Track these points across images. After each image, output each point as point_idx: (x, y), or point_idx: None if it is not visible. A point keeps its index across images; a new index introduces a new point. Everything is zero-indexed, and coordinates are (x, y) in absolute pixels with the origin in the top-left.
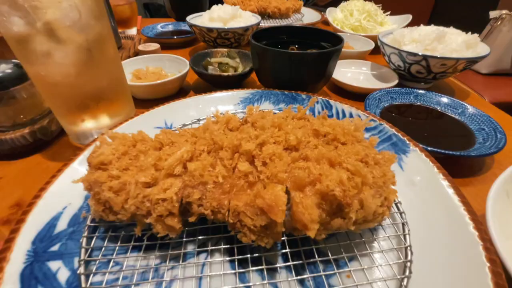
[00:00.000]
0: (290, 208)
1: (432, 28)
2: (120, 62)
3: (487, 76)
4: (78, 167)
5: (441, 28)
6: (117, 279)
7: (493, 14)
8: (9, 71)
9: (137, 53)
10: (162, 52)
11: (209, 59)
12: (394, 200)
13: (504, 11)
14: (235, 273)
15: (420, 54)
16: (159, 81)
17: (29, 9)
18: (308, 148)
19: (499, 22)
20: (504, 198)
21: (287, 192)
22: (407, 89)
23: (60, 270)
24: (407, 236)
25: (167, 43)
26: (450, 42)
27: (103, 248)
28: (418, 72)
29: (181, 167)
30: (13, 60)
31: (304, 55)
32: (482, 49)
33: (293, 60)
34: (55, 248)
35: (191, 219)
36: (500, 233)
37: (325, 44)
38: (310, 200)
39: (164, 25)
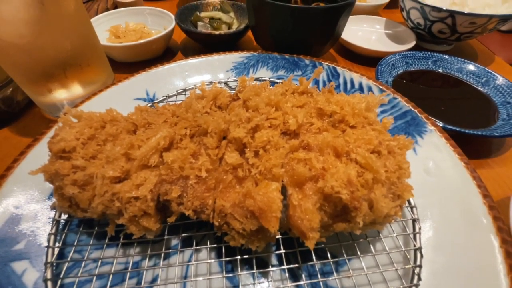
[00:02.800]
0: (286, 205)
1: None
2: (87, 18)
3: (506, 34)
4: (43, 151)
5: None
6: (91, 281)
7: None
8: None
9: (116, 5)
10: (145, 4)
11: (198, 13)
12: None
13: None
14: (223, 277)
15: (445, 9)
16: (140, 41)
17: None
18: (311, 133)
19: None
20: None
21: (284, 188)
22: (426, 52)
23: (27, 272)
24: (418, 236)
25: None
26: None
27: (74, 246)
28: (440, 31)
29: (158, 156)
30: None
31: (309, 10)
32: None
33: (296, 16)
34: (20, 246)
35: (171, 220)
36: None
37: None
38: (310, 202)
39: None
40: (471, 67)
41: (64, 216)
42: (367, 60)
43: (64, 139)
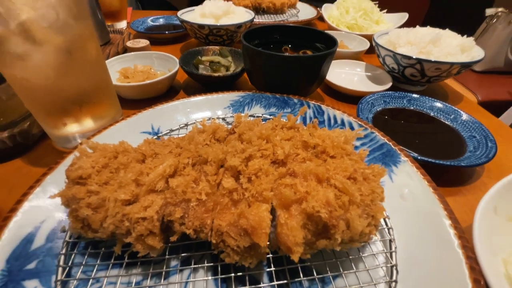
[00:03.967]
0: (275, 226)
1: (428, 30)
2: (104, 63)
3: (481, 74)
4: (58, 178)
5: (437, 30)
6: None
7: (489, 11)
8: None
9: (126, 49)
10: (152, 48)
11: (200, 57)
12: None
13: (500, 9)
14: None
15: (414, 57)
16: (147, 82)
17: (1, 10)
18: (296, 162)
19: (495, 20)
20: (491, 214)
21: (273, 210)
22: (401, 93)
23: None
24: (394, 254)
25: (158, 38)
26: (445, 46)
27: (82, 266)
28: (412, 75)
29: (164, 182)
30: None
31: (296, 59)
32: (477, 53)
33: (286, 64)
34: (31, 266)
35: (173, 238)
36: (486, 250)
37: (319, 45)
38: (295, 221)
39: (154, 19)
40: (440, 105)
41: (73, 239)
42: (350, 98)
43: (81, 167)
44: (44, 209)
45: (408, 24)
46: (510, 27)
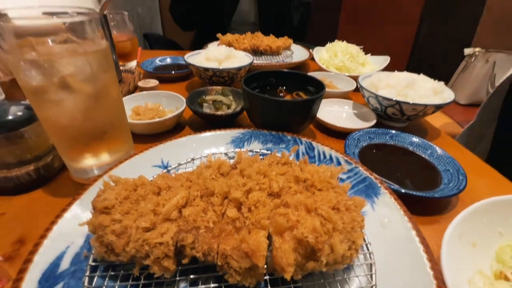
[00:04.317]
0: (271, 250)
1: (405, 75)
2: (122, 104)
3: (466, 107)
4: (80, 207)
5: (412, 75)
6: None
7: (467, 51)
8: (20, 113)
9: (137, 86)
10: (161, 87)
11: (204, 96)
12: (365, 241)
13: (477, 49)
14: None
15: (394, 99)
16: (156, 120)
17: (49, 68)
18: (289, 195)
19: (473, 59)
20: (457, 241)
21: (270, 236)
22: (383, 129)
23: None
24: (373, 276)
25: (165, 78)
26: (420, 89)
27: (104, 287)
28: (393, 114)
29: (177, 212)
30: (23, 102)
31: (290, 103)
32: (448, 95)
33: (280, 106)
34: (58, 287)
35: (184, 261)
36: (453, 272)
37: (310, 87)
38: (287, 245)
39: (162, 59)
40: (418, 141)
41: (95, 262)
42: (339, 133)
43: (106, 199)
44: (68, 236)
45: (393, 64)
46: (487, 64)
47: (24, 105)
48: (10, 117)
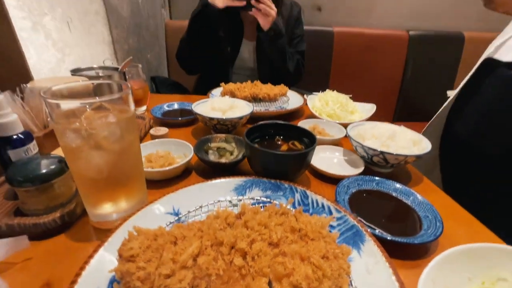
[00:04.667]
0: None
1: (387, 127)
2: (141, 156)
3: None
4: (105, 253)
5: (393, 127)
6: None
7: (450, 93)
8: (52, 166)
9: (147, 131)
10: (169, 131)
11: (209, 144)
12: (352, 285)
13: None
14: None
15: (378, 150)
16: (167, 168)
17: (88, 134)
18: (286, 244)
19: None
20: (430, 285)
21: (270, 282)
22: (370, 177)
23: None
24: None
25: (173, 123)
26: (400, 140)
27: None
28: (378, 161)
29: (192, 260)
30: (53, 155)
31: (286, 155)
32: (426, 145)
33: (278, 158)
34: None
35: None
36: None
37: (304, 138)
38: None
39: (170, 105)
40: (400, 187)
41: None
42: (331, 179)
43: (132, 248)
44: (94, 280)
45: (381, 112)
46: None
47: (54, 157)
48: (44, 171)
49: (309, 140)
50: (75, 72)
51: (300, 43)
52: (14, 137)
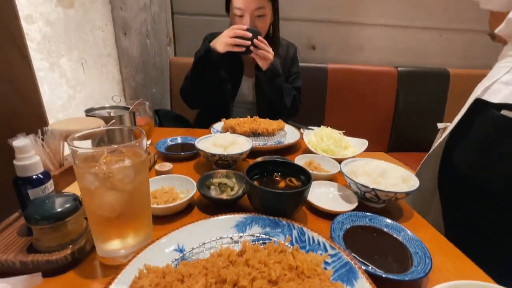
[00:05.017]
0: None
1: (378, 164)
2: (149, 194)
3: None
4: None
5: (384, 164)
6: None
7: (440, 125)
8: (68, 205)
9: (151, 166)
10: (173, 165)
11: (211, 180)
12: None
13: (448, 123)
14: None
15: (369, 187)
16: (171, 205)
17: (105, 178)
18: (284, 282)
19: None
20: None
21: None
22: (363, 213)
23: None
24: None
25: (176, 158)
26: (390, 177)
27: None
28: (371, 197)
29: None
30: (66, 193)
31: (284, 194)
32: (414, 182)
33: (276, 196)
34: None
35: None
36: None
37: (301, 176)
38: None
39: (173, 139)
40: (392, 223)
41: None
42: (326, 214)
43: (143, 286)
44: None
45: (376, 143)
46: None
47: (69, 195)
48: (58, 209)
49: (305, 177)
50: (89, 112)
51: (297, 79)
52: (34, 177)
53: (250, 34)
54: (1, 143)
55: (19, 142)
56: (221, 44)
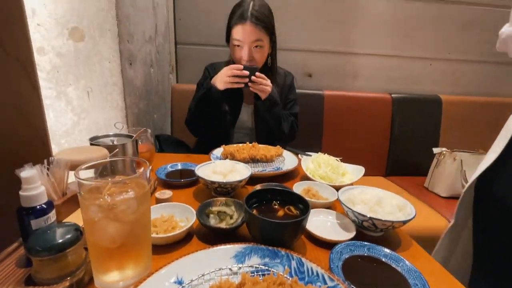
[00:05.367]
0: None
1: (374, 192)
2: (150, 224)
3: (448, 199)
4: None
5: (380, 193)
6: None
7: (435, 150)
8: (69, 236)
9: (151, 192)
10: (173, 192)
11: (211, 208)
12: None
13: (443, 148)
14: None
15: (367, 215)
16: (171, 234)
17: (108, 209)
18: None
19: (442, 157)
20: None
21: None
22: (361, 242)
23: None
24: None
25: (176, 185)
26: (387, 206)
27: None
28: (368, 226)
29: None
30: (67, 223)
31: (282, 224)
32: (411, 211)
33: (274, 226)
34: None
35: None
36: None
37: (299, 204)
38: None
39: (173, 165)
40: (390, 253)
41: None
42: (325, 243)
43: None
44: None
45: (374, 168)
46: (455, 162)
47: (71, 226)
48: (60, 240)
49: (304, 206)
50: (93, 140)
51: (294, 106)
52: (38, 207)
53: (247, 73)
54: (4, 169)
55: (27, 173)
56: (220, 82)
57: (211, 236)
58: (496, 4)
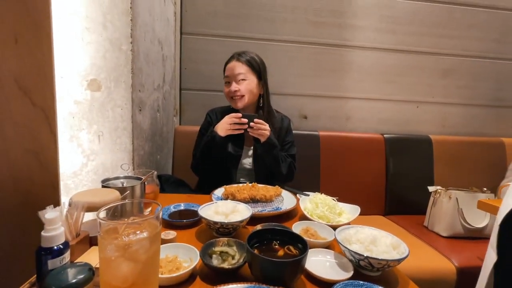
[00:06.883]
0: None
1: (369, 232)
2: (159, 263)
3: (449, 239)
4: None
5: (374, 232)
6: None
7: (431, 189)
8: (80, 276)
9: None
10: (177, 233)
11: (213, 248)
12: None
13: (438, 187)
14: None
15: (363, 254)
16: (176, 274)
17: (124, 248)
18: None
19: (438, 195)
20: None
21: None
22: (359, 282)
23: None
24: None
25: (179, 225)
26: (381, 245)
27: None
28: (365, 265)
29: None
30: (81, 262)
31: (282, 263)
32: (404, 249)
33: (276, 265)
34: None
35: None
36: None
37: (299, 244)
38: None
39: (176, 206)
40: None
41: None
42: (324, 282)
43: None
44: None
45: (373, 207)
46: (451, 200)
47: (84, 266)
48: (73, 281)
49: (302, 245)
50: (104, 182)
51: (291, 148)
52: (55, 247)
53: (246, 120)
54: (16, 209)
55: (50, 214)
56: (221, 130)
57: (214, 276)
58: (472, 55)
